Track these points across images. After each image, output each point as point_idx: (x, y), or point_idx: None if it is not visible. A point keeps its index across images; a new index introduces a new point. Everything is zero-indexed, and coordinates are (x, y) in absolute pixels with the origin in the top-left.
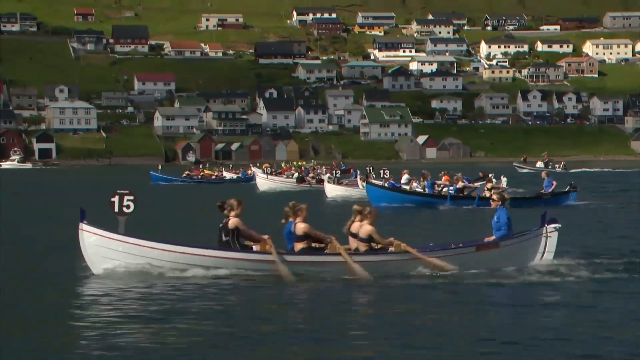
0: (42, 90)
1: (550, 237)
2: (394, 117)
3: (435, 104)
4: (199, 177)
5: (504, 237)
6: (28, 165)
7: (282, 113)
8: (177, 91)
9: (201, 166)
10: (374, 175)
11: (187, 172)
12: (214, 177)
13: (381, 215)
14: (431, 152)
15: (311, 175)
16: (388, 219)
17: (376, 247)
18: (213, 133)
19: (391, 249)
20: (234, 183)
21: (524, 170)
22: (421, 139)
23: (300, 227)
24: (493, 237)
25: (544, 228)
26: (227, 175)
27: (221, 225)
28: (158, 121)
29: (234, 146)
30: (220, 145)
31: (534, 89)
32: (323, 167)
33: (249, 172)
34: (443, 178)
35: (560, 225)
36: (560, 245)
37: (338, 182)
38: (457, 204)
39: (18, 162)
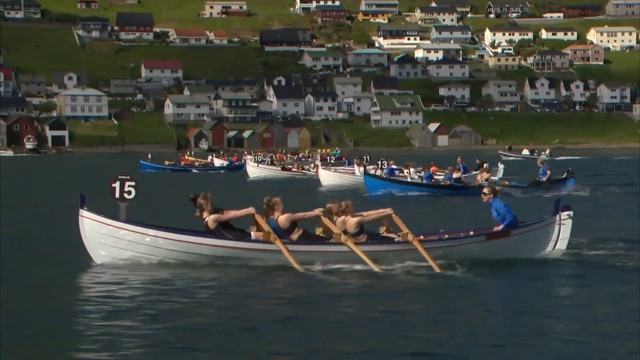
0: (50, 77)
1: (564, 225)
2: (405, 104)
3: (443, 91)
4: (183, 164)
5: (513, 223)
6: (9, 153)
7: (292, 101)
8: (184, 79)
9: (188, 153)
10: (365, 164)
11: (169, 162)
12: (197, 163)
13: (381, 204)
14: (443, 140)
15: (305, 159)
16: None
17: (381, 232)
18: (224, 120)
19: (398, 238)
20: (221, 171)
21: (510, 158)
22: (433, 126)
23: (282, 219)
24: (501, 227)
25: (558, 215)
26: (217, 162)
27: (203, 225)
28: (169, 109)
29: (246, 134)
30: (232, 133)
31: (541, 76)
32: (319, 155)
33: (239, 159)
34: (432, 168)
35: (573, 213)
36: (573, 233)
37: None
38: (462, 193)
39: None
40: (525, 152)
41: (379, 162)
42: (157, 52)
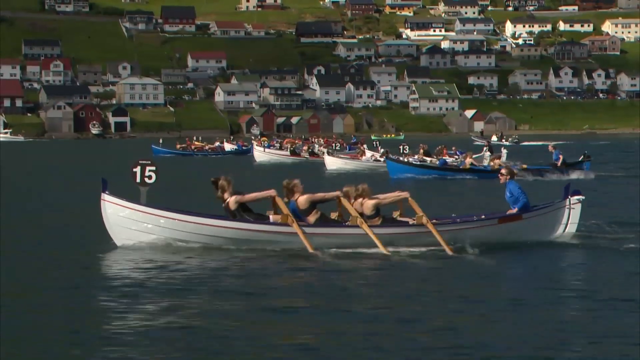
0: (105, 67)
1: (573, 209)
2: (442, 92)
3: (472, 80)
4: (193, 149)
5: (526, 207)
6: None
7: (333, 89)
8: (228, 68)
9: (195, 138)
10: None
11: (180, 146)
12: (206, 148)
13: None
14: (479, 126)
15: (305, 148)
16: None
17: (396, 216)
18: (271, 108)
19: (412, 221)
20: (229, 155)
21: (479, 143)
22: (468, 113)
23: (302, 200)
24: (515, 209)
25: (568, 200)
26: (228, 146)
27: (224, 207)
28: (219, 96)
29: (294, 120)
30: (281, 120)
31: (564, 66)
32: (322, 140)
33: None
34: (443, 152)
35: (584, 197)
36: (582, 216)
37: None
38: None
39: None
40: (494, 138)
41: (400, 148)
42: (200, 43)
